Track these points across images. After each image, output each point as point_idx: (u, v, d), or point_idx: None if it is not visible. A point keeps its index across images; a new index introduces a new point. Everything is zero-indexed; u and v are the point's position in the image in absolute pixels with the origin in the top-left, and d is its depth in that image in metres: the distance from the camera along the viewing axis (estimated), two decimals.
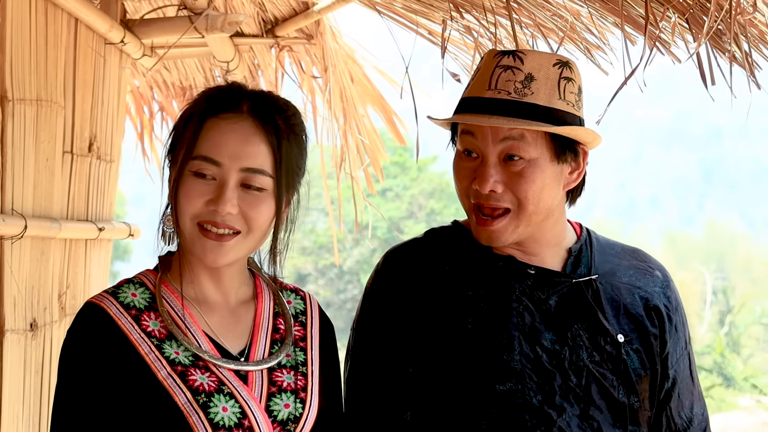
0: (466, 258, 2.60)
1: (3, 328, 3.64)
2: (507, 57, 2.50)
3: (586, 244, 2.66)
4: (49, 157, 4.01)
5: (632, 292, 2.60)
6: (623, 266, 2.65)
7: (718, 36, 3.19)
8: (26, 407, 3.87)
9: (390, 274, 2.63)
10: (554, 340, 2.51)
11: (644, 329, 2.57)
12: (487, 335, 2.49)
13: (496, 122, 2.44)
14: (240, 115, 2.26)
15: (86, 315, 2.25)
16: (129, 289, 2.30)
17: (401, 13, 4.64)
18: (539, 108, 2.45)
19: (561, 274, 2.58)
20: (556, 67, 2.49)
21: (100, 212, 4.64)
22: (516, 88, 2.46)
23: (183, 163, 2.24)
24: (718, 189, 75.12)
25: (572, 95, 2.50)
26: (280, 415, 2.28)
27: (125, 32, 4.66)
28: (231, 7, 4.96)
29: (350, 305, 37.73)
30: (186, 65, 5.77)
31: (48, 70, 3.97)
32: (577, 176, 2.57)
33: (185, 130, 2.27)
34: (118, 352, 2.21)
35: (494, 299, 2.53)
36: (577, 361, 2.50)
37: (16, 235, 3.65)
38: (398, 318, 2.57)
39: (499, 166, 2.49)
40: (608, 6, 3.63)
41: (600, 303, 2.55)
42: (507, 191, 2.49)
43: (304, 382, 2.37)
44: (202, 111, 2.27)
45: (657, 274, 2.68)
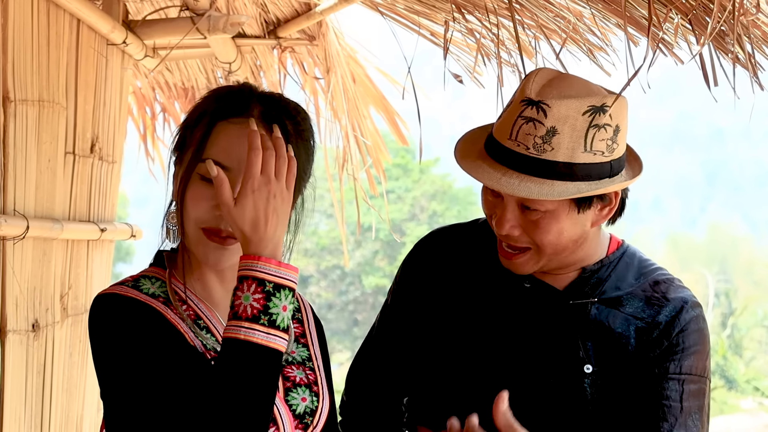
0: (489, 253, 2.63)
1: (5, 328, 3.64)
2: (531, 108, 2.37)
3: (609, 265, 2.60)
4: (51, 158, 4.01)
5: (629, 322, 2.52)
6: (635, 297, 2.56)
7: (721, 37, 3.19)
8: (28, 408, 3.87)
9: (421, 254, 2.78)
10: (526, 354, 2.52)
11: (625, 359, 2.49)
12: (467, 328, 2.57)
13: (507, 184, 2.39)
14: (260, 125, 2.23)
15: (115, 300, 2.18)
16: (147, 283, 2.27)
17: (403, 14, 4.64)
18: (558, 165, 2.37)
19: (557, 293, 2.57)
20: (586, 116, 2.37)
21: (102, 213, 4.64)
22: (535, 143, 2.37)
23: (191, 165, 2.22)
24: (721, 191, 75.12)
25: (602, 142, 2.39)
26: (299, 409, 2.29)
27: (127, 33, 4.66)
28: (233, 8, 4.96)
29: (352, 307, 37.74)
30: (188, 66, 5.77)
31: (50, 71, 3.97)
32: (608, 212, 2.51)
33: (195, 129, 2.25)
34: (159, 323, 2.16)
35: (491, 301, 2.59)
36: (544, 379, 2.50)
37: (18, 235, 3.65)
38: (418, 293, 2.71)
39: (518, 211, 2.46)
40: (611, 7, 3.62)
41: (585, 327, 2.51)
42: (524, 234, 2.48)
43: (314, 376, 2.39)
44: (213, 113, 2.24)
45: (667, 305, 2.54)
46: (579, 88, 2.43)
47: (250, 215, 2.10)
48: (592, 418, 2.48)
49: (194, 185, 2.22)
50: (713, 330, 37.57)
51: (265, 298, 2.07)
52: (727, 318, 35.45)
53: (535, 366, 2.51)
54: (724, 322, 34.87)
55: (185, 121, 2.31)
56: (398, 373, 2.75)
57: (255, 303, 2.06)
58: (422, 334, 2.66)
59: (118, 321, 2.15)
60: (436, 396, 2.61)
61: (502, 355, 2.53)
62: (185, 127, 2.29)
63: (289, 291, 2.10)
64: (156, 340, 2.13)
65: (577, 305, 2.54)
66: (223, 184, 2.12)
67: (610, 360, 2.49)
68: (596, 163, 2.40)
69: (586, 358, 2.48)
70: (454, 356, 2.58)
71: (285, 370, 2.34)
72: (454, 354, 2.58)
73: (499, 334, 2.55)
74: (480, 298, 2.60)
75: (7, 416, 3.69)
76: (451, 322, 2.60)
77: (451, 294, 2.64)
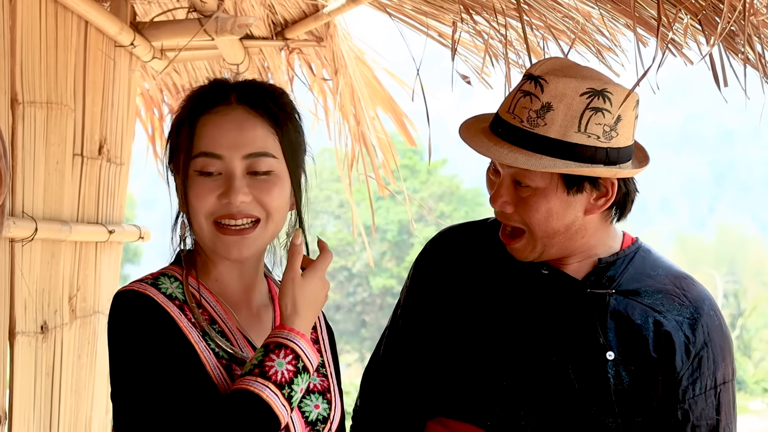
0: (501, 247, 2.64)
1: (14, 330, 3.65)
2: (530, 82, 2.44)
3: (624, 258, 2.61)
4: (60, 160, 4.01)
5: (648, 314, 2.52)
6: (653, 289, 2.56)
7: (731, 37, 3.18)
8: (37, 409, 3.88)
9: (433, 253, 2.79)
10: (545, 343, 2.52)
11: (646, 352, 2.49)
12: (485, 320, 2.58)
13: (496, 152, 2.44)
14: (230, 105, 2.24)
15: (134, 298, 2.18)
16: (166, 282, 2.25)
17: (411, 15, 4.63)
18: (548, 141, 2.40)
19: (576, 282, 2.57)
20: (584, 97, 2.39)
21: (110, 215, 4.64)
22: (530, 117, 2.41)
23: (185, 165, 2.22)
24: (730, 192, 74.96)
25: (599, 127, 2.40)
26: (312, 416, 2.29)
27: (135, 35, 4.67)
28: (241, 9, 4.96)
29: (360, 308, 37.75)
30: (196, 68, 5.77)
31: (58, 73, 3.98)
32: (603, 203, 2.51)
33: (179, 134, 2.26)
34: (171, 332, 2.16)
35: (506, 291, 2.60)
36: (561, 370, 2.50)
37: (27, 237, 3.65)
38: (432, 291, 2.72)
39: (512, 186, 2.50)
40: (620, 7, 3.61)
41: (604, 318, 2.51)
42: (516, 213, 2.51)
43: (327, 383, 2.38)
44: (192, 111, 2.25)
45: (688, 305, 2.55)
46: (585, 73, 2.46)
47: (310, 293, 2.21)
48: (613, 406, 2.48)
49: (194, 183, 2.22)
50: None
51: (294, 372, 2.13)
52: (736, 319, 35.43)
53: (557, 353, 2.51)
54: (733, 323, 34.85)
55: (170, 130, 2.32)
56: (414, 377, 2.73)
57: (286, 373, 2.11)
58: (438, 332, 2.66)
59: (132, 326, 2.16)
60: (457, 389, 2.60)
61: (523, 344, 2.54)
62: (170, 136, 2.30)
63: (308, 376, 2.16)
64: (165, 355, 2.13)
65: (595, 295, 2.54)
66: (328, 257, 2.30)
67: (631, 350, 2.50)
68: (589, 146, 2.41)
69: (607, 346, 2.49)
70: (474, 348, 2.58)
71: None
72: (473, 346, 2.58)
73: (518, 322, 2.56)
74: (496, 291, 2.61)
75: (16, 417, 3.69)
76: (468, 316, 2.61)
77: (466, 289, 2.65)
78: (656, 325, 2.50)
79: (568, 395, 2.49)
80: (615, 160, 2.46)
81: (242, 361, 2.22)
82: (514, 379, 2.50)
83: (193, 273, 2.30)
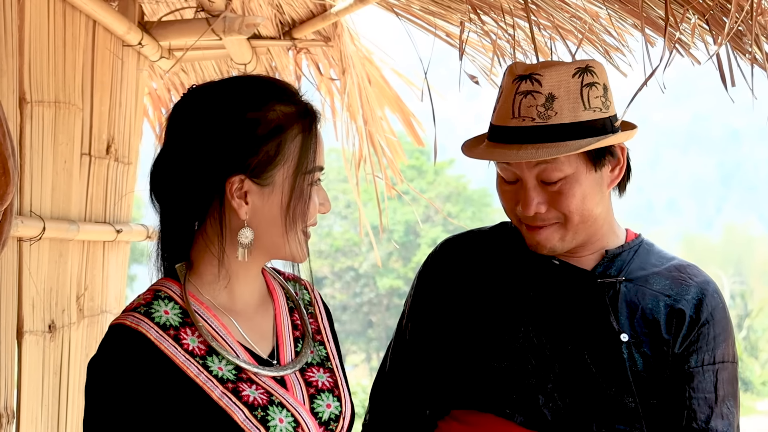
0: (511, 254, 2.68)
1: (21, 329, 3.65)
2: (525, 82, 2.48)
3: (630, 250, 2.66)
4: (67, 159, 4.02)
5: (658, 298, 2.58)
6: (660, 276, 2.63)
7: (739, 37, 3.18)
8: (44, 408, 3.88)
9: (439, 261, 2.79)
10: (560, 331, 2.55)
11: (658, 334, 2.55)
12: (497, 316, 2.60)
13: (525, 155, 2.46)
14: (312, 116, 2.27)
15: (124, 340, 2.16)
16: (160, 307, 2.21)
17: (419, 15, 4.64)
18: (565, 127, 2.46)
19: (586, 273, 2.60)
20: (576, 77, 2.48)
21: (117, 214, 4.65)
22: (539, 112, 2.46)
23: (297, 178, 2.20)
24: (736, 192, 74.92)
25: (598, 99, 2.50)
26: (324, 416, 2.28)
27: (143, 34, 4.67)
28: (248, 9, 4.96)
29: (366, 308, 37.77)
30: (203, 67, 5.78)
31: (66, 72, 3.98)
32: (618, 172, 2.58)
33: (281, 142, 2.20)
34: (164, 378, 2.13)
35: (514, 286, 2.63)
36: (578, 357, 2.53)
37: (35, 236, 3.66)
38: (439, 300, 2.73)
39: (539, 187, 2.52)
40: (627, 7, 3.61)
41: (615, 303, 2.56)
42: (551, 209, 2.53)
43: (334, 378, 2.36)
44: (306, 123, 2.23)
45: (694, 285, 2.61)
46: (558, 61, 2.60)
47: None
48: (631, 386, 2.52)
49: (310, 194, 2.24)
50: None
51: None
52: (743, 320, 35.41)
53: (573, 340, 2.54)
54: (739, 324, 34.81)
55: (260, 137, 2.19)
56: (422, 384, 2.75)
57: None
58: (448, 336, 2.67)
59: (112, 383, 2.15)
60: (472, 382, 2.62)
61: (538, 333, 2.57)
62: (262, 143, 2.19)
63: None
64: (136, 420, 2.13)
65: (605, 284, 2.59)
66: None
67: (643, 333, 2.54)
68: (598, 118, 2.50)
69: (620, 329, 2.53)
70: (489, 342, 2.60)
71: (306, 373, 2.31)
72: (487, 340, 2.60)
73: (531, 313, 2.58)
74: (507, 287, 2.63)
75: (23, 417, 3.69)
76: (480, 315, 2.63)
77: (475, 292, 2.66)
78: (668, 308, 2.57)
79: (586, 379, 2.52)
80: (617, 128, 2.55)
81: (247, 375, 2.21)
82: (531, 366, 2.53)
83: (192, 288, 2.26)
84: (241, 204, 2.19)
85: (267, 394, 2.20)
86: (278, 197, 2.19)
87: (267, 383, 2.22)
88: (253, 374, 2.21)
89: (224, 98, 2.21)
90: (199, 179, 2.19)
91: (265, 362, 2.26)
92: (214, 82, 2.29)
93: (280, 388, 2.23)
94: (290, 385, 2.26)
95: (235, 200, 2.19)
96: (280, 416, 2.18)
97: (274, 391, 2.21)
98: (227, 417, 2.13)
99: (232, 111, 2.19)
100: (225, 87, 2.25)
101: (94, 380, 2.17)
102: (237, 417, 2.14)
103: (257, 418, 2.16)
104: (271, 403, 2.19)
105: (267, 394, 2.20)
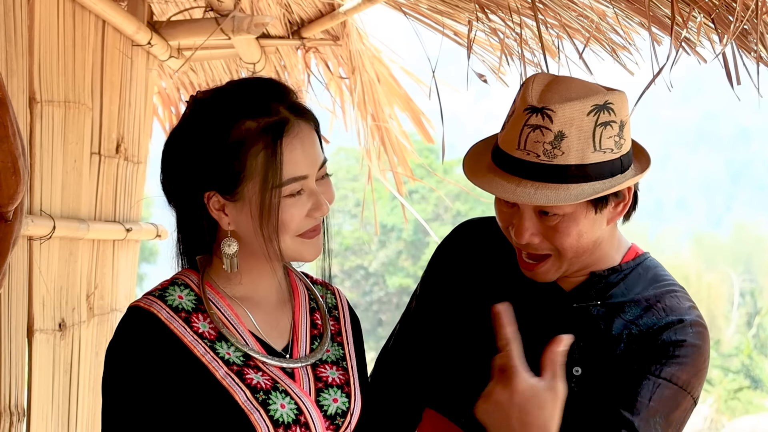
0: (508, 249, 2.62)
1: (32, 328, 3.67)
2: (536, 115, 2.35)
3: (621, 272, 2.57)
4: (77, 159, 4.03)
5: (626, 328, 2.49)
6: (637, 304, 2.53)
7: (744, 36, 3.19)
8: (55, 407, 3.90)
9: (454, 244, 2.76)
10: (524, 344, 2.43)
11: (612, 359, 2.47)
12: (480, 323, 2.53)
13: (522, 194, 2.38)
14: (290, 123, 2.22)
15: (136, 319, 2.23)
16: (175, 292, 2.28)
17: (427, 14, 4.65)
18: (570, 168, 2.36)
19: (561, 294, 2.56)
20: (591, 115, 2.35)
21: (127, 213, 4.67)
22: (545, 149, 2.35)
23: (270, 191, 2.19)
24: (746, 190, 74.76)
25: (610, 140, 2.38)
26: (330, 410, 2.30)
27: (152, 34, 4.69)
28: (257, 8, 4.98)
29: (376, 307, 37.77)
30: (212, 67, 5.79)
31: (76, 72, 4.00)
32: (622, 208, 2.49)
33: (246, 159, 2.20)
34: (173, 355, 2.20)
35: (504, 288, 2.59)
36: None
37: (45, 235, 3.68)
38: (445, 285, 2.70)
39: (535, 218, 2.45)
40: (634, 6, 3.62)
41: (583, 328, 2.50)
42: (544, 241, 2.47)
43: (347, 376, 2.38)
44: (272, 136, 2.20)
45: (666, 319, 2.48)
46: (579, 89, 2.41)
47: None
48: (577, 418, 2.44)
49: (286, 207, 2.21)
50: (739, 329, 37.41)
51: None
52: (753, 317, 35.34)
53: (529, 357, 2.40)
54: (749, 322, 34.76)
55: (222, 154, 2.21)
56: (419, 364, 2.73)
57: None
58: (446, 325, 2.66)
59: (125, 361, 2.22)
60: (444, 382, 2.62)
61: None
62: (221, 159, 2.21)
63: None
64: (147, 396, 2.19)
65: (580, 308, 2.53)
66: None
67: (597, 361, 2.47)
68: (607, 161, 2.38)
69: (575, 360, 2.47)
70: (467, 345, 2.58)
71: (318, 369, 2.33)
72: (467, 343, 2.58)
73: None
74: (497, 292, 2.58)
75: (34, 415, 3.71)
76: (470, 314, 2.61)
77: (475, 287, 2.64)
78: (629, 337, 2.48)
79: None
80: (627, 165, 2.45)
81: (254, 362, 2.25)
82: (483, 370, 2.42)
83: (209, 278, 2.31)
84: (221, 216, 2.24)
85: (272, 381, 2.24)
86: (249, 211, 2.22)
87: (274, 372, 2.26)
88: (260, 362, 2.25)
89: (200, 115, 2.25)
90: (183, 192, 2.27)
91: (276, 354, 2.29)
92: (207, 92, 2.33)
93: (287, 378, 2.26)
94: (299, 377, 2.29)
95: (214, 212, 2.24)
96: (282, 402, 2.22)
97: (280, 380, 2.25)
98: (229, 397, 2.18)
99: (202, 129, 2.23)
100: (206, 102, 2.27)
101: (107, 357, 2.25)
102: (238, 397, 2.18)
103: (258, 400, 2.20)
104: (274, 389, 2.23)
105: (272, 381, 2.24)
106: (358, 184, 35.77)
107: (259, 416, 2.19)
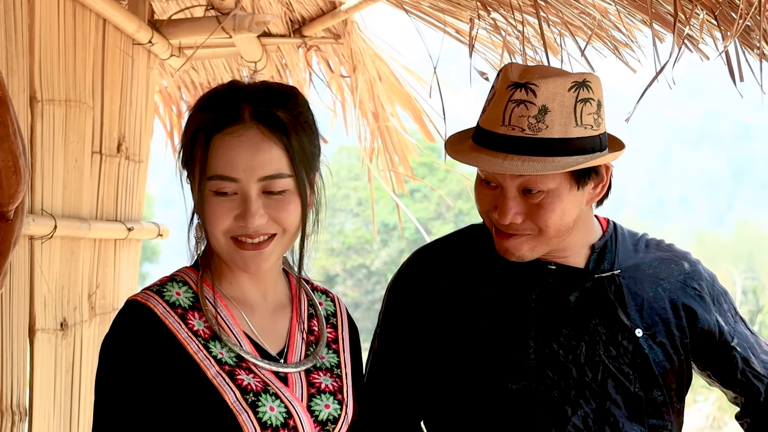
0: (489, 257, 2.61)
1: (34, 327, 3.67)
2: (519, 90, 2.41)
3: (611, 239, 2.66)
4: (78, 158, 4.03)
5: (655, 284, 2.61)
6: (648, 259, 2.66)
7: (747, 33, 3.18)
8: (57, 406, 3.90)
9: (411, 274, 2.68)
10: (571, 335, 2.52)
11: (668, 322, 2.58)
12: (501, 334, 2.53)
13: (510, 166, 2.41)
14: (244, 125, 2.20)
15: (132, 313, 2.24)
16: (173, 288, 2.29)
17: (428, 12, 4.64)
18: (554, 142, 2.41)
19: (582, 271, 2.58)
20: (572, 91, 2.41)
21: (129, 212, 4.66)
22: (530, 123, 2.40)
23: (200, 184, 2.22)
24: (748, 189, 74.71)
25: (590, 116, 2.44)
26: (321, 416, 2.30)
27: (153, 33, 4.68)
28: (258, 7, 4.98)
29: (378, 306, 37.61)
30: (214, 65, 5.79)
31: (76, 71, 3.99)
32: (600, 189, 2.55)
33: (194, 148, 2.24)
34: (165, 351, 2.20)
35: (513, 298, 2.56)
36: (593, 357, 2.51)
37: (46, 235, 3.67)
38: (416, 317, 2.63)
39: (519, 197, 2.48)
40: (636, 3, 3.62)
41: (621, 298, 2.56)
42: (527, 221, 2.49)
43: (340, 383, 2.38)
44: (206, 127, 2.22)
45: (682, 263, 2.69)
46: (556, 70, 2.52)
47: None
48: (659, 381, 2.55)
49: (210, 202, 2.22)
50: None
51: None
52: (755, 315, 35.29)
53: (584, 342, 2.52)
54: (751, 319, 34.70)
55: (183, 138, 2.29)
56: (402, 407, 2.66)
57: None
58: (433, 357, 2.59)
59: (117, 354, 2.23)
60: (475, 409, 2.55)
61: (547, 347, 2.52)
62: (184, 145, 2.28)
63: None
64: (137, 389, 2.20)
65: (604, 279, 2.58)
66: None
67: (655, 322, 2.58)
68: (588, 136, 2.45)
69: (633, 325, 2.55)
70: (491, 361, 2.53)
71: (311, 375, 2.34)
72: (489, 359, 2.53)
73: (536, 328, 2.53)
74: (501, 299, 2.56)
75: (36, 414, 3.71)
76: (476, 338, 2.55)
77: (462, 311, 2.58)
78: (667, 293, 2.63)
79: (608, 378, 2.52)
80: (605, 145, 2.51)
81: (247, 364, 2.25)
82: (550, 379, 2.48)
83: (208, 277, 2.32)
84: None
85: (263, 383, 2.24)
86: (195, 196, 2.27)
87: (266, 375, 2.26)
88: (253, 365, 2.25)
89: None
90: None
91: (270, 358, 2.30)
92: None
93: (278, 381, 2.27)
94: (291, 382, 2.29)
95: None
96: (272, 405, 2.22)
97: (271, 383, 2.25)
98: (218, 396, 2.18)
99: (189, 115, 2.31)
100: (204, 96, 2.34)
101: (102, 349, 2.26)
102: (228, 397, 2.18)
103: (247, 402, 2.20)
104: (265, 391, 2.23)
105: (263, 383, 2.24)
106: (360, 182, 35.80)
107: (247, 417, 2.19)
